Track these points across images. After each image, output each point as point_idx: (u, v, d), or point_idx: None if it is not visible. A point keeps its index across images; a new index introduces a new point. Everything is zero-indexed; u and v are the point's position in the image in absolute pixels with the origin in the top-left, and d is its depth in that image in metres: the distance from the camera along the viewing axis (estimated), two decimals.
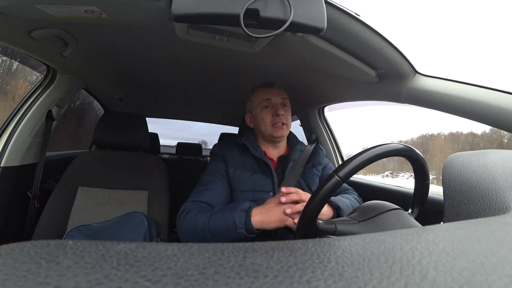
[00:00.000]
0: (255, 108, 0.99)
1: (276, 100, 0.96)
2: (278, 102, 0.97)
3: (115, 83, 1.51)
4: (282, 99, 0.98)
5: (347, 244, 0.19)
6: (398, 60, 0.80)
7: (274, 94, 0.97)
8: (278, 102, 0.97)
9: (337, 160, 1.59)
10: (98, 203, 1.14)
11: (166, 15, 0.62)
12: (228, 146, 0.99)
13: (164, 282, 0.13)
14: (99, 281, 0.13)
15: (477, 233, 0.22)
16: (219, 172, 0.93)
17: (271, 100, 0.96)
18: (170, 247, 0.17)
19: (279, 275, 0.14)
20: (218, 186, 0.91)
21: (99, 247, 0.16)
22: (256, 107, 0.99)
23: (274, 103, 0.96)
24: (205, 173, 0.96)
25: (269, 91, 0.98)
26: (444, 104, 0.78)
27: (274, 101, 0.96)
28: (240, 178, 0.91)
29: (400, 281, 0.14)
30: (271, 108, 0.96)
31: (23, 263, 0.14)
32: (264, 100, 0.97)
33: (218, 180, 0.92)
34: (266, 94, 0.97)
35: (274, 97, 0.97)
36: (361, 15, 0.66)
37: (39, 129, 1.11)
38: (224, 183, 0.92)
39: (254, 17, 0.52)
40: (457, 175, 0.38)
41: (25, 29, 0.76)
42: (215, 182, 0.91)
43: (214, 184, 0.91)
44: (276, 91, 0.98)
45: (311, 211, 0.53)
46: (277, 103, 0.96)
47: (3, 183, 0.99)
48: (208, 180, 0.91)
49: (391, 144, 0.55)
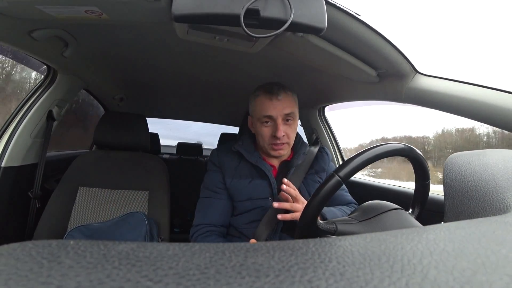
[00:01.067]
0: (255, 118, 0.89)
1: (277, 114, 0.83)
2: (280, 120, 0.83)
3: (115, 83, 1.51)
4: (285, 114, 0.84)
5: (348, 244, 0.19)
6: (398, 60, 0.80)
7: (276, 108, 0.83)
8: (280, 120, 0.83)
9: (337, 160, 1.59)
10: (99, 203, 1.14)
11: (167, 15, 0.62)
12: (225, 152, 0.96)
13: (165, 281, 0.13)
14: (101, 281, 0.13)
15: (477, 233, 0.22)
16: (218, 186, 0.92)
17: (272, 117, 0.84)
18: (171, 247, 0.17)
19: (281, 275, 0.14)
20: (220, 202, 0.91)
21: (100, 247, 0.17)
22: (255, 116, 0.88)
23: (275, 118, 0.84)
24: (205, 187, 0.95)
25: (271, 104, 0.83)
26: (445, 104, 0.78)
27: (275, 116, 0.83)
28: (238, 188, 0.90)
29: (401, 281, 0.14)
30: (271, 126, 0.85)
31: (25, 263, 0.14)
32: (263, 117, 0.85)
33: (219, 195, 0.92)
34: (267, 108, 0.84)
35: (276, 112, 0.83)
36: (361, 14, 0.66)
37: (40, 129, 1.12)
38: (225, 196, 0.92)
39: (255, 17, 0.52)
40: (457, 175, 0.38)
41: (26, 30, 0.76)
42: (216, 197, 0.91)
43: (216, 200, 0.91)
44: (279, 104, 0.83)
45: (311, 211, 0.53)
46: (278, 122, 0.83)
47: (4, 183, 0.99)
48: (209, 198, 0.92)
49: (391, 143, 0.55)
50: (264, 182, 0.90)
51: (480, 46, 12.80)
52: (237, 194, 0.90)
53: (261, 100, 0.86)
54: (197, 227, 0.89)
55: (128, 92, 1.72)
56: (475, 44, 14.60)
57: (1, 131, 1.04)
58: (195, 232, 0.88)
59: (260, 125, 0.87)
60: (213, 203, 0.90)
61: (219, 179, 0.93)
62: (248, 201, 0.89)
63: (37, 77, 1.52)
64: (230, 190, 0.91)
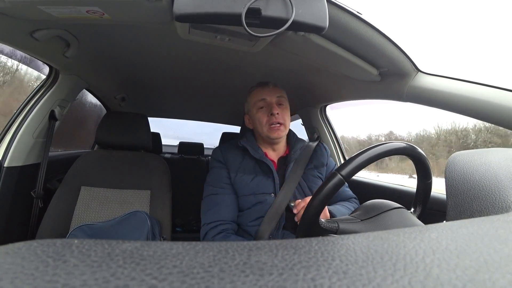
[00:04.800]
0: (252, 109, 0.97)
1: (271, 99, 0.94)
2: (273, 101, 0.94)
3: (117, 83, 1.52)
4: (277, 97, 0.95)
5: (350, 243, 0.19)
6: (400, 59, 0.80)
7: (268, 93, 0.95)
8: (273, 101, 0.94)
9: (339, 159, 1.59)
10: (101, 203, 1.15)
11: (168, 15, 0.62)
12: (229, 149, 0.98)
13: (170, 280, 0.13)
14: (106, 279, 0.13)
15: (480, 232, 0.22)
16: (223, 181, 0.92)
17: (266, 99, 0.94)
18: (175, 246, 0.17)
19: (284, 273, 0.15)
20: (227, 197, 0.91)
21: (104, 245, 0.17)
22: (252, 108, 0.97)
23: (269, 102, 0.94)
24: (209, 184, 0.94)
25: (263, 91, 0.95)
26: (447, 103, 0.78)
27: (269, 100, 0.94)
28: (242, 183, 0.91)
29: (404, 279, 0.14)
30: (266, 108, 0.94)
31: (31, 262, 0.14)
32: (259, 101, 0.94)
33: (225, 191, 0.91)
34: (261, 94, 0.95)
35: (269, 96, 0.94)
36: (362, 13, 0.65)
37: (42, 129, 1.12)
38: (230, 191, 0.92)
39: (256, 16, 0.52)
40: (460, 173, 0.38)
41: (27, 30, 0.76)
42: (222, 193, 0.91)
43: (224, 196, 0.91)
44: (270, 90, 0.95)
45: (313, 209, 0.53)
46: (272, 102, 0.94)
47: (6, 183, 1.00)
48: (216, 195, 0.91)
49: (393, 142, 0.55)
50: (268, 178, 0.91)
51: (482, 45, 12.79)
52: (241, 189, 0.91)
53: (255, 91, 0.98)
54: (209, 225, 0.87)
55: (130, 92, 1.73)
56: (477, 42, 14.59)
57: (4, 131, 1.05)
58: (208, 230, 0.86)
59: (257, 111, 0.95)
60: (221, 199, 0.90)
61: (225, 175, 0.93)
62: (252, 196, 0.89)
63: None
64: (235, 185, 0.91)
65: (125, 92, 1.71)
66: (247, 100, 1.01)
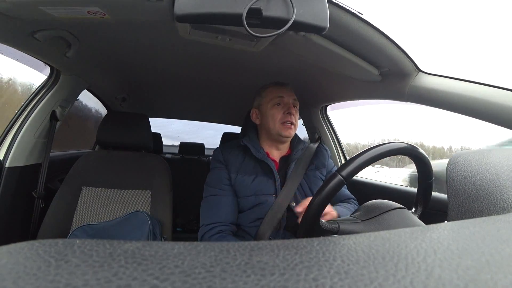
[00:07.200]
0: (265, 104, 0.97)
1: (288, 99, 0.96)
2: (290, 102, 0.96)
3: (118, 83, 1.52)
4: (293, 99, 0.98)
5: (352, 243, 0.19)
6: (401, 59, 0.79)
7: (286, 93, 0.97)
8: (290, 101, 0.96)
9: (340, 159, 1.59)
10: (102, 203, 1.15)
11: (169, 15, 0.62)
12: (229, 149, 0.98)
13: (172, 280, 0.13)
14: (108, 279, 0.13)
15: (481, 232, 0.22)
16: (224, 183, 0.92)
17: (284, 98, 0.96)
18: (176, 246, 0.17)
19: (286, 273, 0.15)
20: (228, 198, 0.90)
21: (106, 246, 0.17)
22: (266, 103, 0.97)
23: (286, 101, 0.96)
24: (209, 185, 0.94)
25: (282, 90, 0.97)
26: (448, 102, 0.77)
27: (287, 100, 0.96)
28: (243, 184, 0.91)
29: (406, 279, 0.14)
30: (282, 106, 0.95)
31: (34, 262, 0.14)
32: (276, 97, 0.96)
33: (226, 192, 0.91)
34: (279, 91, 0.97)
35: (287, 96, 0.96)
36: (363, 13, 0.65)
37: (43, 129, 1.12)
38: (230, 192, 0.92)
39: (257, 16, 0.52)
40: (461, 173, 0.38)
41: (29, 31, 0.76)
42: (223, 194, 0.91)
43: (223, 197, 0.90)
44: (288, 91, 0.98)
45: (314, 210, 0.53)
46: (289, 102, 0.96)
47: (8, 183, 1.00)
48: (216, 196, 0.91)
49: (394, 142, 0.55)
50: (269, 179, 0.91)
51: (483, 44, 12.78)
52: (242, 190, 0.90)
53: (272, 88, 0.99)
54: (207, 226, 0.87)
55: (131, 92, 1.73)
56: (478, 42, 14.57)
57: (5, 131, 1.05)
58: (206, 232, 0.86)
59: (272, 107, 0.96)
60: (220, 201, 0.90)
61: (225, 176, 0.93)
62: (252, 197, 0.89)
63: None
64: (235, 186, 0.91)
65: (126, 92, 1.72)
66: (261, 95, 1.00)
